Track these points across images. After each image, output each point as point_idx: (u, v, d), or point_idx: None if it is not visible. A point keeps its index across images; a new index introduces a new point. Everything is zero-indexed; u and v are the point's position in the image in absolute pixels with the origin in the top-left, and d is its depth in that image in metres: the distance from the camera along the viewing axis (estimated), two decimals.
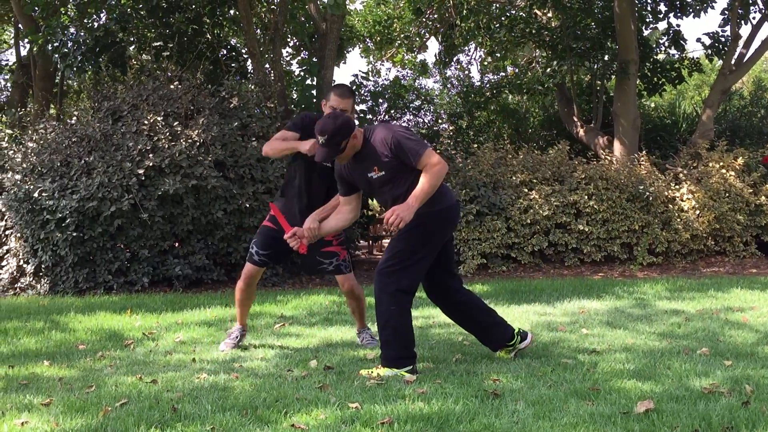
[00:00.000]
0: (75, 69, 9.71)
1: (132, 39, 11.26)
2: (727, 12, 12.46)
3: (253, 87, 9.23)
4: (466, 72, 17.14)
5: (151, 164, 7.78)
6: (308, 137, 4.23)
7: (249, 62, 11.22)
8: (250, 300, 4.72)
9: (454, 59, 15.97)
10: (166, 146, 7.90)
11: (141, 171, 7.75)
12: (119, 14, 10.02)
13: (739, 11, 12.04)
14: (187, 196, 7.89)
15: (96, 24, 10.69)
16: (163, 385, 3.64)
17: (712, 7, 12.64)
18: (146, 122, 8.13)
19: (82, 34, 9.64)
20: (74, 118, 9.00)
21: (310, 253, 4.32)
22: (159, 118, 8.16)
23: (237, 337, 4.65)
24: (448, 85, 17.35)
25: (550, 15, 13.28)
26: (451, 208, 3.93)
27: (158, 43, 10.64)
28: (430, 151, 3.76)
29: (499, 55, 14.84)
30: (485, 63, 16.26)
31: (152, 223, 7.85)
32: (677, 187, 9.93)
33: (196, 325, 5.54)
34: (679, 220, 9.53)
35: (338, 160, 3.89)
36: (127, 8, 10.66)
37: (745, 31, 19.43)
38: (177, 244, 8.36)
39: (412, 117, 14.07)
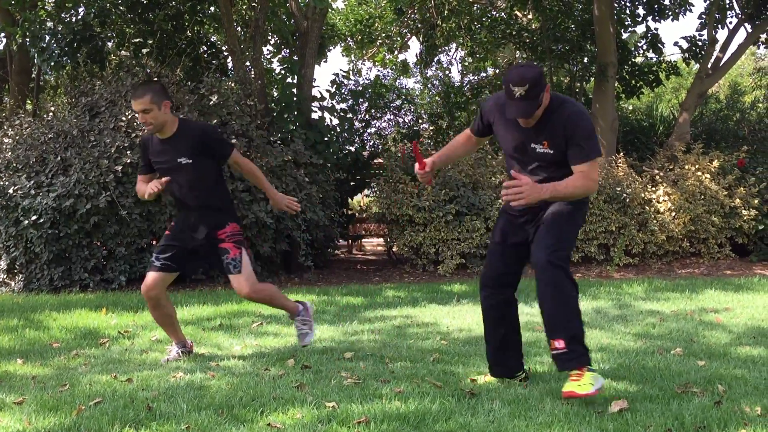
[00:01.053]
0: (52, 64, 9.59)
1: (111, 34, 11.15)
2: (704, 16, 12.62)
3: (233, 84, 9.18)
4: (447, 72, 17.19)
5: (128, 161, 7.71)
6: (146, 155, 4.30)
7: (229, 60, 11.16)
8: (170, 315, 4.27)
9: (435, 59, 16.01)
10: None
11: (119, 168, 7.68)
12: (98, 9, 9.92)
13: (717, 16, 12.20)
14: (164, 194, 7.80)
15: (74, 18, 10.58)
16: (138, 384, 3.61)
17: (690, 11, 12.82)
18: (124, 118, 8.06)
19: (60, 28, 9.52)
20: (51, 113, 8.90)
21: (214, 249, 4.12)
22: (137, 115, 8.07)
23: (178, 356, 4.27)
24: (429, 85, 17.38)
25: (530, 17, 13.37)
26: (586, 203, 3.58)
27: (138, 39, 10.55)
28: (597, 163, 3.33)
29: (479, 55, 14.90)
30: (466, 63, 16.32)
31: (130, 220, 7.79)
32: (654, 188, 10.04)
33: None
34: (655, 221, 9.63)
35: (524, 122, 3.31)
36: (107, 3, 10.56)
37: (721, 35, 19.56)
38: (154, 242, 8.29)
39: (392, 117, 14.09)
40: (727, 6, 12.47)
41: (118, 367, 4.09)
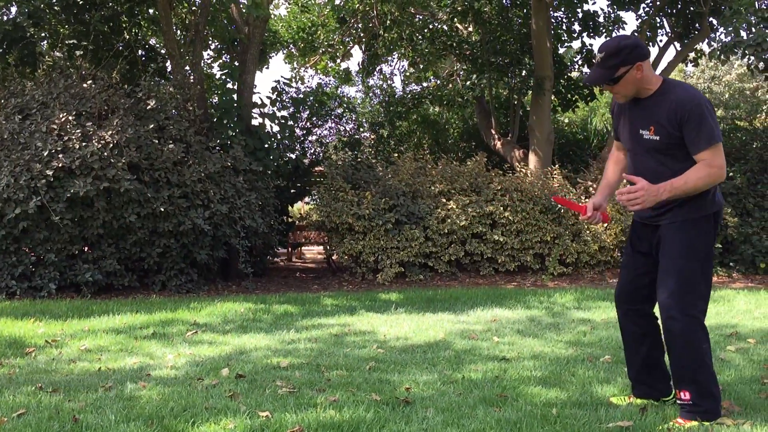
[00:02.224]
0: None
1: (44, 35, 10.82)
2: (636, 34, 13.06)
3: (171, 89, 9.03)
4: (389, 82, 17.32)
5: (60, 165, 7.49)
6: None
7: (168, 63, 10.97)
8: None
9: (377, 69, 16.10)
10: (77, 147, 7.63)
11: (50, 172, 7.46)
12: (31, 9, 9.62)
13: (648, 34, 12.65)
14: (98, 199, 7.63)
15: (5, 18, 10.23)
16: (65, 395, 3.51)
17: (623, 29, 13.24)
18: (56, 121, 7.83)
19: None
20: None
21: None
22: (70, 118, 7.87)
23: None
24: (371, 94, 17.46)
25: (470, 29, 13.58)
26: (713, 215, 3.18)
27: (72, 41, 10.27)
28: (719, 148, 3.05)
29: (421, 66, 15.06)
30: (408, 74, 16.46)
31: (61, 226, 7.56)
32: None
33: (103, 333, 5.36)
34: (588, 232, 9.89)
35: (615, 96, 3.20)
36: (40, 3, 10.24)
37: (652, 53, 20.27)
38: (87, 249, 8.07)
39: (334, 125, 14.09)
40: (658, 25, 12.95)
41: (44, 377, 3.96)
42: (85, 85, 8.44)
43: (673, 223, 3.14)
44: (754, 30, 9.01)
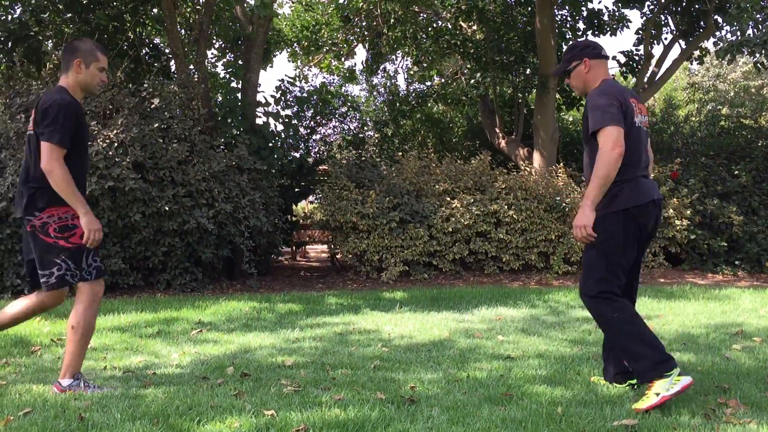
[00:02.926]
0: None
1: (49, 34, 10.85)
2: (641, 32, 13.04)
3: (175, 88, 9.04)
4: (393, 81, 17.30)
5: None
6: (81, 121, 3.56)
7: (172, 62, 10.99)
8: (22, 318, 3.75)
9: (381, 67, 16.10)
10: None
11: None
12: (35, 7, 9.64)
13: (653, 32, 12.62)
14: (103, 198, 7.65)
15: (10, 17, 10.25)
16: (71, 394, 3.51)
17: (628, 27, 13.21)
18: None
19: None
20: None
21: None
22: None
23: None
24: (375, 93, 17.46)
25: (474, 28, 13.57)
26: (629, 208, 3.39)
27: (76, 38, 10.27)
28: (611, 130, 3.27)
29: (425, 64, 15.05)
30: (412, 72, 16.46)
31: None
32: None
33: (108, 331, 5.37)
34: None
35: (574, 90, 3.63)
36: (44, 1, 10.26)
37: (657, 50, 20.16)
38: None
39: (338, 123, 14.10)
40: (663, 23, 12.92)
41: (49, 376, 3.97)
42: None
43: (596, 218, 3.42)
44: (760, 28, 8.98)
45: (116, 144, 7.76)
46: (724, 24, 11.54)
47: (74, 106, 3.55)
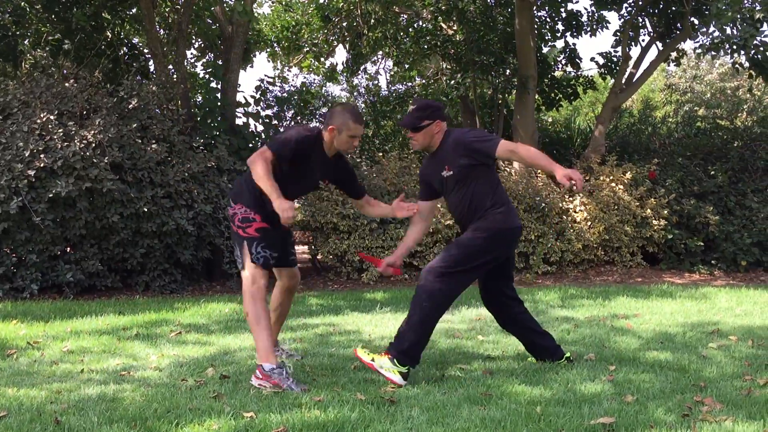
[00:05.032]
0: None
1: (26, 33, 10.73)
2: (619, 34, 13.15)
3: (154, 88, 8.97)
4: (375, 81, 17.31)
5: (42, 165, 7.42)
6: (309, 157, 3.96)
7: (151, 62, 10.91)
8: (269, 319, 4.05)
9: (362, 68, 16.09)
10: (59, 146, 7.57)
11: (31, 172, 7.39)
12: (13, 6, 9.53)
13: (630, 33, 12.73)
14: (80, 199, 7.57)
15: None
16: (47, 397, 3.48)
17: (606, 28, 13.33)
18: (38, 121, 7.76)
19: None
20: None
21: (286, 247, 4.31)
22: (52, 117, 7.80)
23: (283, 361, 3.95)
24: (356, 93, 17.45)
25: (455, 28, 13.61)
26: (516, 230, 4.07)
27: (54, 38, 10.18)
28: (505, 141, 3.92)
29: (406, 65, 15.07)
30: (393, 73, 16.47)
31: (42, 227, 7.49)
32: (571, 199, 10.37)
33: (86, 334, 5.32)
34: (572, 230, 9.95)
35: (412, 144, 4.07)
36: (22, 1, 10.15)
37: (635, 52, 20.37)
38: (69, 249, 8.01)
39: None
40: (640, 24, 13.03)
41: (25, 379, 3.92)
42: (67, 84, 8.37)
43: None
44: (739, 28, 9.08)
45: (94, 144, 7.68)
46: (701, 26, 11.66)
47: (308, 143, 3.99)
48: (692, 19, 11.77)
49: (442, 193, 4.19)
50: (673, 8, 12.11)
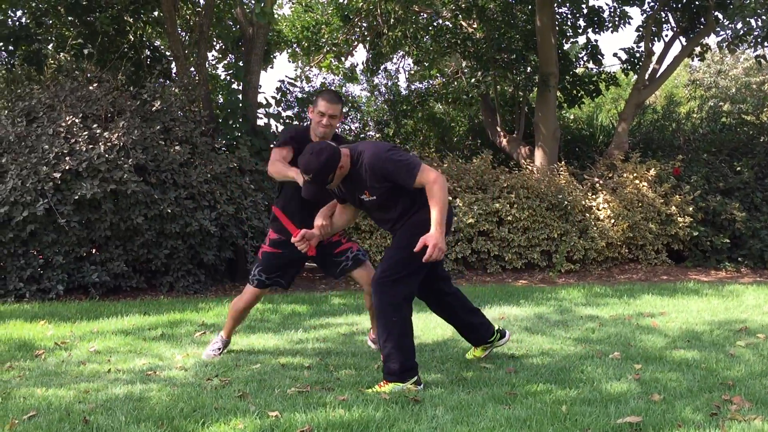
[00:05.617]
0: None
1: (50, 37, 10.86)
2: (641, 29, 13.01)
3: (176, 90, 9.04)
4: (394, 80, 17.29)
5: (67, 168, 7.51)
6: (301, 148, 4.00)
7: (173, 65, 11.00)
8: (244, 318, 4.77)
9: (382, 67, 16.08)
10: (84, 149, 7.65)
11: (57, 175, 7.48)
12: (36, 11, 9.65)
13: (653, 29, 12.59)
14: (105, 201, 7.65)
15: (11, 20, 10.27)
16: (75, 397, 3.52)
17: (629, 23, 13.19)
18: (63, 124, 7.85)
19: None
20: None
21: (325, 258, 4.35)
22: (77, 120, 7.89)
23: (220, 348, 4.62)
24: (376, 93, 17.45)
25: (475, 26, 13.56)
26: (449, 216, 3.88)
27: (77, 42, 10.30)
28: (424, 168, 3.67)
29: (426, 64, 15.04)
30: (413, 72, 16.45)
31: (68, 228, 7.58)
32: (594, 196, 10.29)
33: (112, 334, 5.38)
34: (595, 228, 9.87)
35: (328, 187, 3.87)
36: (44, 5, 10.27)
37: (658, 47, 20.14)
38: (94, 251, 8.09)
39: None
40: (663, 20, 12.89)
41: (53, 379, 3.98)
42: (91, 87, 8.46)
43: None
44: (762, 21, 8.95)
45: (118, 147, 7.76)
46: (725, 20, 11.51)
47: (297, 131, 4.38)
48: (716, 13, 11.62)
49: (360, 209, 4.05)
50: (697, 2, 11.96)
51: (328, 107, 4.17)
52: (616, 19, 13.19)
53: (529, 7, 12.78)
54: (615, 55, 13.34)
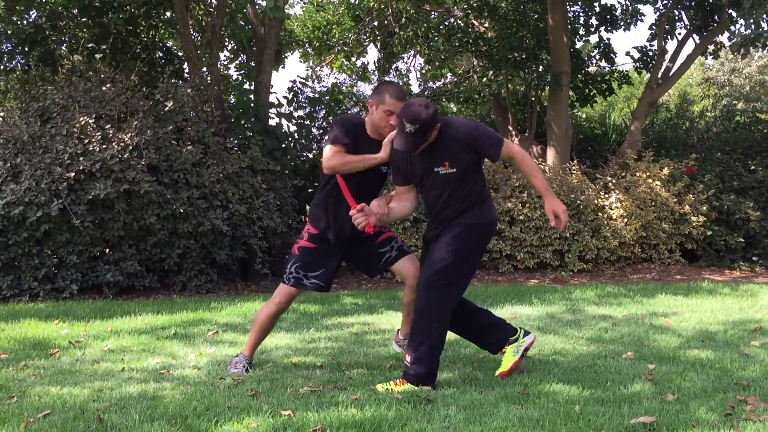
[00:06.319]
0: (2, 68, 9.37)
1: (63, 38, 10.94)
2: (654, 27, 12.94)
3: (189, 90, 9.08)
4: (405, 80, 17.28)
5: (81, 168, 7.56)
6: (356, 144, 3.93)
7: (185, 65, 11.05)
8: (272, 327, 4.31)
9: (393, 67, 16.08)
10: (98, 149, 7.70)
11: (71, 175, 7.53)
12: (49, 12, 9.72)
13: (666, 27, 12.51)
14: (118, 201, 7.70)
15: (25, 21, 10.36)
16: (89, 395, 3.54)
17: (641, 21, 13.11)
18: (77, 124, 7.91)
19: (10, 31, 9.31)
20: (0, 119, 8.67)
21: (366, 252, 4.11)
22: (90, 121, 7.94)
23: (245, 366, 4.12)
24: None
25: (486, 25, 13.52)
26: (494, 223, 3.92)
27: (91, 44, 10.37)
28: (508, 142, 3.74)
29: (437, 63, 15.01)
30: (424, 71, 16.43)
31: (82, 228, 7.64)
32: (606, 195, 10.24)
33: (126, 333, 5.41)
34: (608, 227, 9.82)
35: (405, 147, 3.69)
36: (58, 6, 10.35)
37: (671, 46, 19.97)
38: (108, 250, 8.14)
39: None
40: (677, 18, 12.80)
41: (68, 378, 4.00)
42: (104, 88, 8.51)
43: None
44: None
45: (131, 147, 7.80)
46: (738, 18, 11.42)
47: (350, 125, 4.05)
48: (730, 11, 11.53)
49: (422, 184, 3.82)
50: (710, 0, 11.88)
51: (398, 105, 3.82)
52: (629, 17, 13.11)
53: (541, 5, 12.74)
54: (628, 53, 13.28)
